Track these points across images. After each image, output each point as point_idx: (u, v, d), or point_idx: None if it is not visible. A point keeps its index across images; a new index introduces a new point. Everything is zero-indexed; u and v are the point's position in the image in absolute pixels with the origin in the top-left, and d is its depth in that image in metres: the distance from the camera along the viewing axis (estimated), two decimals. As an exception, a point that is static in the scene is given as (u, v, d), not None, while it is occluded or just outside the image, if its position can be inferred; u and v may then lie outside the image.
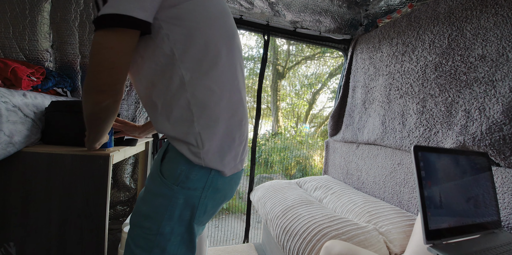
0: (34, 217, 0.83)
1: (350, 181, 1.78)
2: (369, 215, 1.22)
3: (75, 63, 1.33)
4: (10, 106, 0.80)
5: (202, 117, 0.58)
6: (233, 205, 3.95)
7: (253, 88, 5.67)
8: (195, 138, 0.58)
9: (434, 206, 0.65)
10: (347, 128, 1.84)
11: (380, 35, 1.58)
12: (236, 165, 0.67)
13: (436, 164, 0.70)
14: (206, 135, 0.59)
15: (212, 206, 0.64)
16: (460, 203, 0.72)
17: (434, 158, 0.70)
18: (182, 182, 0.58)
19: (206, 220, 0.67)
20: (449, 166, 0.73)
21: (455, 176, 0.73)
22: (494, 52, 0.96)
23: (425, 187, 0.65)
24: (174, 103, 0.58)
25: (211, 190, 0.62)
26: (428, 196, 0.65)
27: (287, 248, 1.15)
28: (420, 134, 1.22)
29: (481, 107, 0.97)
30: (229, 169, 0.64)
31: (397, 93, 1.39)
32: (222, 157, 0.62)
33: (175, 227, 0.59)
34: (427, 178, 0.66)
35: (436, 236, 0.64)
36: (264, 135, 5.63)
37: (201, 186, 0.60)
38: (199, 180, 0.60)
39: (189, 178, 0.59)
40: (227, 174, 0.64)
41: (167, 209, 0.58)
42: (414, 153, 0.66)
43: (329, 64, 6.38)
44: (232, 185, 0.69)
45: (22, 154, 0.82)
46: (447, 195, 0.69)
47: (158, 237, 0.58)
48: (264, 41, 1.82)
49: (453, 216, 0.69)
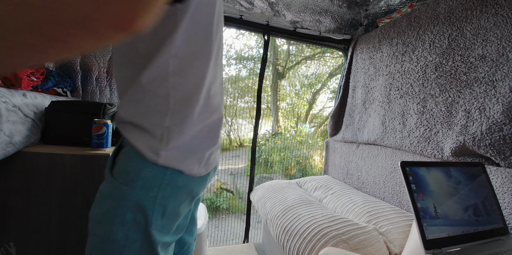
0: (34, 217, 0.83)
1: (350, 181, 1.78)
2: (369, 215, 1.22)
3: (75, 63, 1.33)
4: (10, 106, 0.80)
5: (179, 111, 0.52)
6: (233, 205, 3.95)
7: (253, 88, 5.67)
8: (162, 132, 0.52)
9: (430, 217, 0.68)
10: (347, 128, 1.84)
11: (380, 35, 1.58)
12: (199, 169, 0.59)
13: (425, 177, 0.73)
14: (176, 131, 0.53)
15: (173, 207, 0.55)
16: (458, 212, 0.73)
17: (423, 172, 0.73)
18: (132, 181, 0.51)
19: (171, 225, 0.56)
20: (440, 178, 0.75)
21: (448, 187, 0.75)
22: (494, 52, 0.96)
23: (417, 199, 0.68)
24: (151, 90, 0.51)
25: (170, 189, 0.54)
26: (422, 207, 0.67)
27: (287, 248, 1.15)
28: (420, 134, 1.22)
29: (481, 107, 0.97)
30: (189, 172, 0.56)
31: (397, 93, 1.39)
32: (186, 158, 0.55)
33: (130, 233, 0.51)
34: (418, 190, 0.69)
35: (435, 245, 0.66)
36: (264, 135, 5.63)
37: (156, 184, 0.52)
38: (154, 177, 0.52)
39: (141, 176, 0.51)
40: (187, 174, 0.57)
41: (117, 213, 0.50)
42: (402, 168, 0.70)
43: (329, 64, 6.39)
44: (198, 181, 0.61)
45: (22, 154, 0.82)
46: (442, 206, 0.71)
47: (110, 245, 0.50)
48: (264, 41, 1.82)
49: (452, 226, 0.71)
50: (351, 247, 1.01)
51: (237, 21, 1.68)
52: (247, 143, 5.63)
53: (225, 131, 5.65)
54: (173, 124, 0.52)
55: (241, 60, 6.26)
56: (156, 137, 0.52)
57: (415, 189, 0.69)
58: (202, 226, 1.32)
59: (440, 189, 0.73)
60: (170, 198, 0.54)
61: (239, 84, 6.01)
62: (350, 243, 1.02)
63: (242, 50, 6.47)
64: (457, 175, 0.79)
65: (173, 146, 0.53)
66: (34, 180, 0.82)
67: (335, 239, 1.03)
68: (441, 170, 0.76)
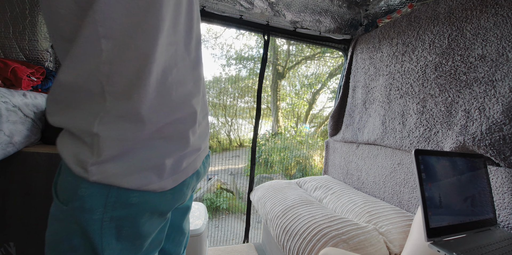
0: (34, 217, 0.83)
1: (350, 181, 1.78)
2: (369, 215, 1.22)
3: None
4: (10, 106, 0.80)
5: (116, 110, 0.40)
6: (233, 205, 3.95)
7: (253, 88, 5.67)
8: (92, 141, 0.39)
9: (434, 206, 0.69)
10: (347, 128, 1.84)
11: (380, 35, 1.58)
12: (162, 182, 0.45)
13: (435, 166, 0.73)
14: (110, 137, 0.39)
15: (133, 228, 0.44)
16: (458, 202, 0.75)
17: (434, 161, 0.74)
18: (70, 200, 0.40)
19: (136, 246, 0.46)
20: (447, 168, 0.76)
21: (453, 177, 0.77)
22: (494, 52, 0.96)
23: (426, 189, 0.69)
24: (79, 81, 0.38)
25: (120, 208, 0.42)
26: (429, 197, 0.69)
27: (287, 248, 1.15)
28: (420, 134, 1.22)
29: (481, 107, 0.97)
30: (144, 187, 0.43)
31: (397, 93, 1.39)
32: (133, 171, 0.42)
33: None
34: (428, 179, 0.70)
35: (436, 234, 0.67)
36: (264, 135, 5.64)
37: (99, 204, 0.41)
38: (92, 196, 0.40)
39: (78, 195, 0.40)
40: (144, 190, 0.44)
41: (63, 238, 0.41)
42: (415, 156, 0.70)
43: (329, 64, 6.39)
44: (164, 196, 0.47)
45: (22, 154, 0.82)
46: (446, 195, 0.73)
47: None
48: (264, 41, 1.82)
49: (452, 215, 0.73)
50: (351, 247, 1.01)
51: (237, 21, 1.68)
52: (247, 143, 5.64)
53: (225, 131, 5.65)
54: (105, 129, 0.39)
55: (241, 60, 6.26)
56: (86, 146, 0.40)
57: (425, 178, 0.69)
58: (202, 226, 1.32)
59: (446, 179, 0.74)
60: (124, 219, 0.43)
61: (239, 84, 6.02)
62: (350, 243, 1.02)
63: (242, 50, 6.47)
64: (462, 166, 0.81)
65: (107, 157, 0.40)
66: (34, 180, 0.82)
67: (335, 239, 1.03)
68: (448, 160, 0.78)
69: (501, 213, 0.90)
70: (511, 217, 0.88)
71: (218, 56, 6.45)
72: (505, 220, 0.89)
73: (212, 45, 6.39)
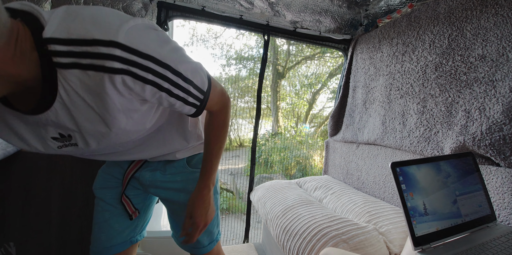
0: (34, 217, 0.83)
1: (350, 181, 1.78)
2: (369, 215, 1.22)
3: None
4: (10, 106, 0.80)
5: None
6: (233, 205, 3.95)
7: (253, 88, 5.67)
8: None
9: (419, 214, 0.69)
10: (347, 128, 1.84)
11: (380, 35, 1.58)
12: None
13: (416, 175, 0.73)
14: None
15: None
16: (447, 206, 0.75)
17: (413, 170, 0.74)
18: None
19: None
20: (430, 174, 0.76)
21: (438, 182, 0.76)
22: (494, 52, 0.96)
23: (408, 199, 0.69)
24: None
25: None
26: (412, 206, 0.69)
27: (287, 248, 1.15)
28: (420, 134, 1.22)
29: (481, 107, 0.97)
30: None
31: (398, 93, 1.39)
32: None
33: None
34: (408, 189, 0.70)
35: (423, 241, 0.67)
36: (264, 135, 5.64)
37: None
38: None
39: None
40: None
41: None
42: (392, 169, 0.71)
43: (329, 64, 6.38)
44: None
45: (22, 154, 0.82)
46: (432, 202, 0.73)
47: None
48: (264, 41, 1.82)
49: (440, 220, 0.72)
50: (351, 247, 1.01)
51: (237, 21, 1.68)
52: (247, 143, 5.64)
53: (225, 131, 5.64)
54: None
55: (241, 60, 6.26)
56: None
57: (405, 188, 0.70)
58: (202, 226, 1.32)
59: (429, 185, 0.74)
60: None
61: (239, 84, 6.02)
62: (350, 243, 1.02)
63: (242, 50, 6.47)
64: (447, 169, 0.80)
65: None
66: (34, 180, 0.82)
67: (335, 239, 1.03)
68: (431, 165, 0.77)
69: (501, 213, 0.90)
70: (511, 217, 0.88)
71: (218, 56, 6.45)
72: (505, 220, 0.89)
73: (212, 45, 6.39)
